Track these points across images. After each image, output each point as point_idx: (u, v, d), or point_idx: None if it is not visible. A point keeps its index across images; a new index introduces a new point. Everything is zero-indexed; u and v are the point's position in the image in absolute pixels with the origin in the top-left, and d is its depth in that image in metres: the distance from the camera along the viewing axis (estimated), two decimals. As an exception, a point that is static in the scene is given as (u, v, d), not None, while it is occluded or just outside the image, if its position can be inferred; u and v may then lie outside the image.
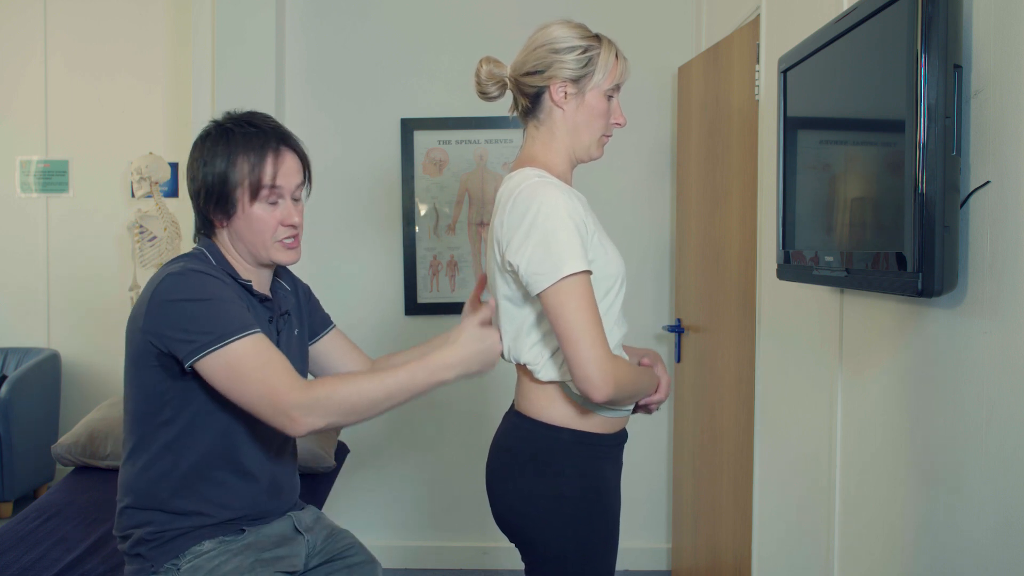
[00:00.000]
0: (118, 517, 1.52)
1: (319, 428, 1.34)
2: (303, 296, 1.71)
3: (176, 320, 1.36)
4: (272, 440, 1.54)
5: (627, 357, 1.53)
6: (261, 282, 1.55)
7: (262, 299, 1.52)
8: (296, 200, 1.52)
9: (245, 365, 1.33)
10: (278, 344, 1.53)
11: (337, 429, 1.32)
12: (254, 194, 1.45)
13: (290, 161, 1.49)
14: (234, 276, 1.49)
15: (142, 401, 1.46)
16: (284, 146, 1.49)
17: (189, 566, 1.44)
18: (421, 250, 3.22)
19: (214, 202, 1.46)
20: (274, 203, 1.47)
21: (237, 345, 1.33)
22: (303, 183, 1.53)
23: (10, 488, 3.69)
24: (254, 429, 1.49)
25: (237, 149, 1.45)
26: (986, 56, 1.17)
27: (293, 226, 1.49)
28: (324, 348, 1.73)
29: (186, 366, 1.36)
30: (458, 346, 1.40)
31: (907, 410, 1.41)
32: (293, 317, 1.63)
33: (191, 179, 1.49)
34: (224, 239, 1.51)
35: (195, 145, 1.49)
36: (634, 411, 1.57)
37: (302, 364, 1.64)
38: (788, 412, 2.04)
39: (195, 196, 1.49)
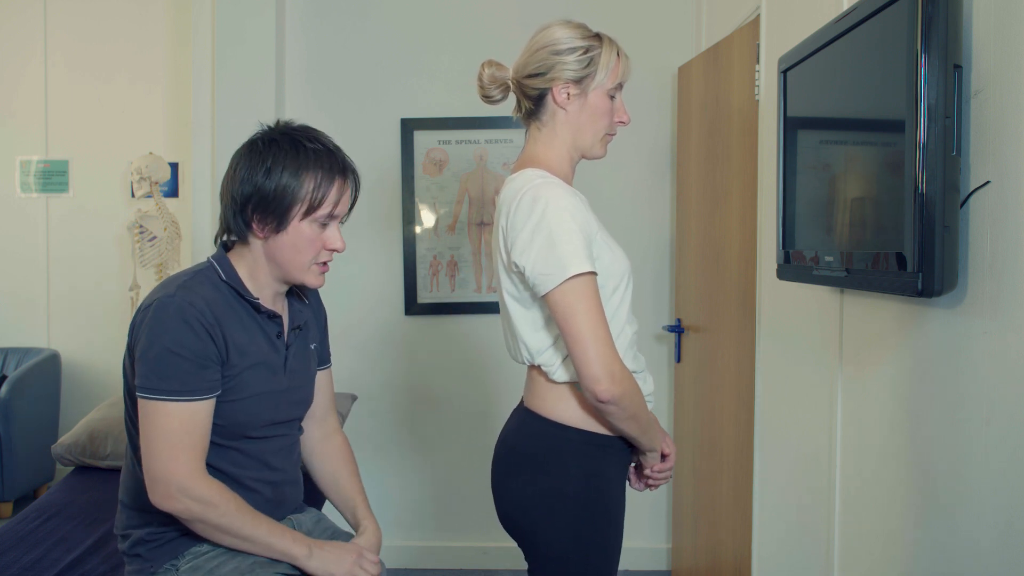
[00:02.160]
0: (118, 516, 1.52)
1: (174, 513, 1.36)
2: (322, 317, 1.69)
3: (141, 349, 1.37)
4: (274, 456, 1.52)
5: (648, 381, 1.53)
6: (273, 297, 1.51)
7: (271, 315, 1.49)
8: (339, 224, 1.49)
9: (160, 424, 1.34)
10: (287, 359, 1.52)
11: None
12: (309, 213, 1.41)
13: (349, 191, 1.47)
14: (242, 293, 1.45)
15: (134, 407, 1.45)
16: (349, 174, 1.47)
17: (188, 567, 1.44)
18: (421, 250, 3.22)
19: (267, 212, 1.40)
20: (324, 224, 1.44)
21: (167, 405, 1.34)
22: (349, 211, 1.51)
23: (10, 488, 3.69)
24: (254, 449, 1.48)
25: (307, 165, 1.40)
26: (986, 56, 1.17)
27: (335, 250, 1.46)
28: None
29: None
30: (330, 546, 1.46)
31: (907, 410, 1.41)
32: (309, 331, 1.61)
33: (241, 182, 1.40)
34: (255, 250, 1.45)
35: (251, 150, 1.42)
36: (637, 478, 1.59)
37: (310, 379, 1.62)
38: (788, 412, 2.04)
39: (243, 201, 1.40)
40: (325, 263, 1.48)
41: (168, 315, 1.35)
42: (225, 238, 1.51)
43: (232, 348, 1.41)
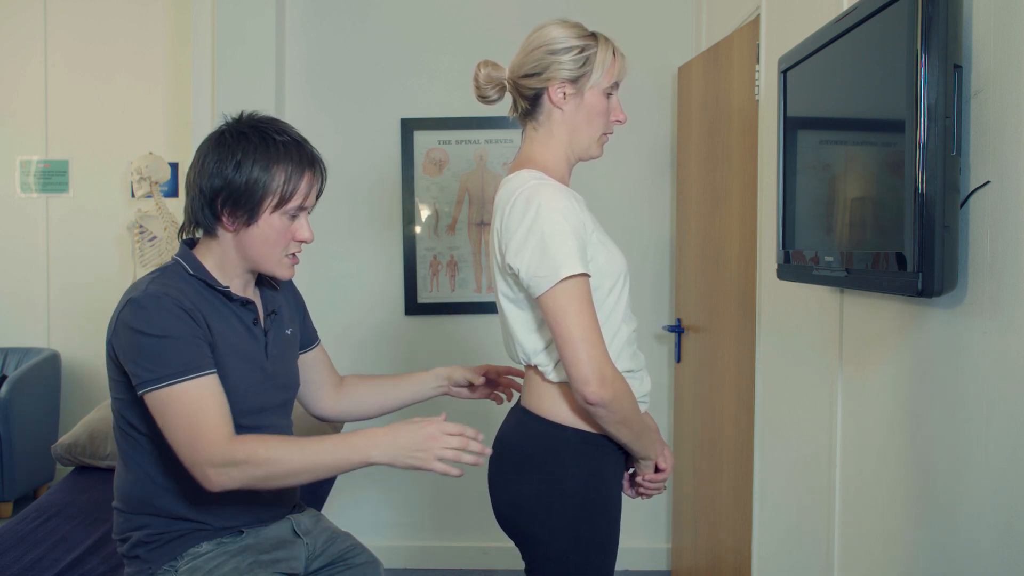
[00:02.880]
0: (115, 521, 1.51)
1: (233, 489, 1.32)
2: (295, 300, 1.69)
3: (130, 349, 1.35)
4: None
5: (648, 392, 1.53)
6: (243, 286, 1.51)
7: (243, 302, 1.49)
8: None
9: (176, 409, 1.32)
10: (267, 345, 1.52)
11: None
12: (279, 206, 1.41)
13: (318, 182, 1.48)
14: (211, 284, 1.44)
15: (122, 409, 1.45)
16: (318, 166, 1.48)
17: (187, 568, 1.44)
18: (421, 250, 3.22)
19: (237, 206, 1.40)
20: (294, 216, 1.45)
21: (176, 388, 1.32)
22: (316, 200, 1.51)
23: (10, 488, 3.69)
24: None
25: (277, 158, 1.40)
26: (986, 56, 1.17)
27: (304, 241, 1.47)
28: (305, 363, 1.71)
29: (138, 395, 1.36)
30: (392, 429, 1.33)
31: (907, 410, 1.40)
32: (283, 316, 1.61)
33: (210, 175, 1.40)
34: (224, 243, 1.45)
35: (219, 143, 1.42)
36: (630, 484, 1.59)
37: (293, 365, 1.62)
38: (788, 412, 2.04)
39: (211, 195, 1.40)
40: (294, 255, 1.49)
41: (145, 308, 1.35)
42: (187, 235, 1.51)
43: (214, 331, 1.41)
